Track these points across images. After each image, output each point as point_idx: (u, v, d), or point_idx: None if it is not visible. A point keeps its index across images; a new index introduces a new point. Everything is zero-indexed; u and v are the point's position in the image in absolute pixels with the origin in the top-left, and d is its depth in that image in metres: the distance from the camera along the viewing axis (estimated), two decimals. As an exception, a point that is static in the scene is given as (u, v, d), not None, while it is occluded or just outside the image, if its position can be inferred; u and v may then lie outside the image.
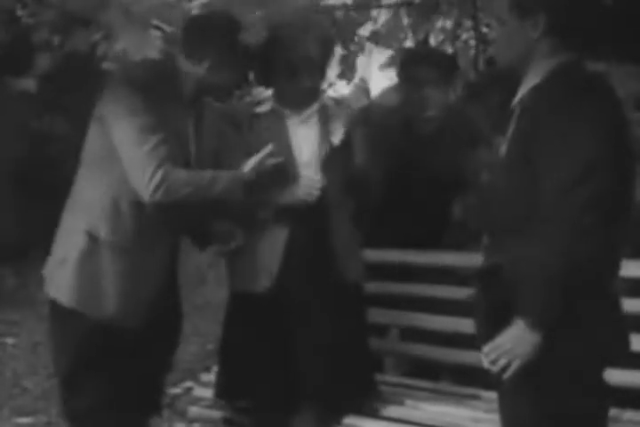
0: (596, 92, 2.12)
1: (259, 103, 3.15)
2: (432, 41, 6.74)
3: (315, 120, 3.05)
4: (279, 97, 3.05)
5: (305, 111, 3.04)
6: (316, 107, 3.06)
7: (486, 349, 2.13)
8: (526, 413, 2.17)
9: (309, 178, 2.97)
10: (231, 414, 3.13)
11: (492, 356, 2.11)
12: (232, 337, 3.08)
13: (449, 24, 6.78)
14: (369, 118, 3.61)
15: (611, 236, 2.05)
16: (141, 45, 4.99)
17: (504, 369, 2.10)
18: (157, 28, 5.54)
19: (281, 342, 2.96)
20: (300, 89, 2.98)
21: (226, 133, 3.00)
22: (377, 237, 3.47)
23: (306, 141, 3.02)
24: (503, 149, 2.25)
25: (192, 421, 3.26)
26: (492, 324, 2.17)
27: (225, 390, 3.11)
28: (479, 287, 2.30)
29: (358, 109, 3.74)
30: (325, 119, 3.05)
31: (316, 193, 2.94)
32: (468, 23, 6.82)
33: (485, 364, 2.15)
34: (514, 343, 2.08)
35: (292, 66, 2.92)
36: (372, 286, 3.39)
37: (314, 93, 3.05)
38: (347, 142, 3.06)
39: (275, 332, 2.95)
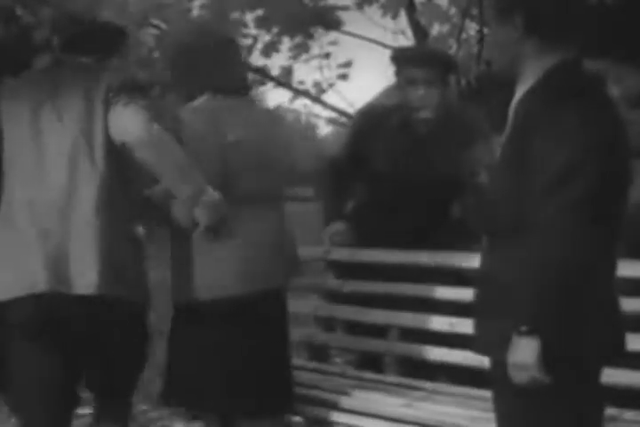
0: (586, 94, 2.11)
1: None
2: (435, 31, 6.66)
3: None
4: None
5: None
6: None
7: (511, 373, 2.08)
8: (521, 412, 2.16)
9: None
10: None
11: (518, 378, 2.06)
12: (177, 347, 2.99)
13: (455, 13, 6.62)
14: (370, 118, 3.61)
15: (598, 236, 2.04)
16: (137, 45, 5.00)
17: (536, 382, 2.05)
18: (155, 26, 5.55)
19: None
20: None
21: None
22: (374, 238, 3.47)
23: None
24: (499, 151, 2.25)
25: (192, 420, 3.25)
26: (489, 326, 2.17)
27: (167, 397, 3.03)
28: (476, 289, 2.30)
29: (359, 112, 3.73)
30: None
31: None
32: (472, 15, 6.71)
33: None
34: (521, 357, 2.05)
35: None
36: (370, 287, 3.40)
37: None
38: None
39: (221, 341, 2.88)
